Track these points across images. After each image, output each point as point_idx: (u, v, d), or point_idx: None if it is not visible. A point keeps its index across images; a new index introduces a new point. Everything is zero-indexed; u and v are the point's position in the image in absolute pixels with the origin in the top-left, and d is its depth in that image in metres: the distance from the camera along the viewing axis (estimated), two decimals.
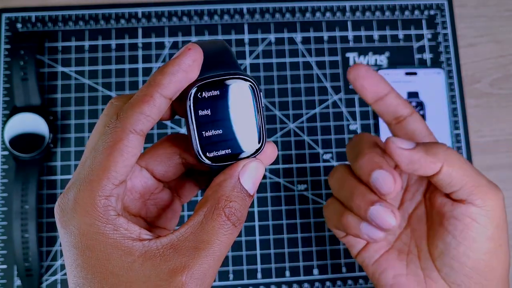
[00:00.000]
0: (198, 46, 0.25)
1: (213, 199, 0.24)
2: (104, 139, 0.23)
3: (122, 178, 0.23)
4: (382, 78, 0.35)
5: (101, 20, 0.54)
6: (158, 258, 0.22)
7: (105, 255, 0.22)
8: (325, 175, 0.52)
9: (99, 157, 0.23)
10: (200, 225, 0.23)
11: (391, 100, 0.34)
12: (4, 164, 0.51)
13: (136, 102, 0.24)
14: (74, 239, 0.23)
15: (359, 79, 0.34)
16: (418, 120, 0.35)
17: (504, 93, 0.55)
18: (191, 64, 0.24)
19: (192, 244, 0.23)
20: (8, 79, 0.52)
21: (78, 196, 0.23)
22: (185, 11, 0.55)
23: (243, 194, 0.24)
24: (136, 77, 0.53)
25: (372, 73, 0.34)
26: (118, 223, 0.23)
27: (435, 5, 0.56)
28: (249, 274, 0.50)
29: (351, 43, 0.55)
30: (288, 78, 0.54)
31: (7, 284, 0.48)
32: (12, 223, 0.48)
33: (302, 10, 0.56)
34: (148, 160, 0.29)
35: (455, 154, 0.31)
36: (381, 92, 0.34)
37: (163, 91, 0.24)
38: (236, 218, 0.24)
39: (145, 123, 0.24)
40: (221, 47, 0.27)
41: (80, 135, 0.52)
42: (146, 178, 0.29)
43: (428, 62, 0.55)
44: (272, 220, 0.51)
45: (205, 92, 0.25)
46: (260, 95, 0.26)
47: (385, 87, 0.34)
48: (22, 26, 0.54)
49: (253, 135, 0.26)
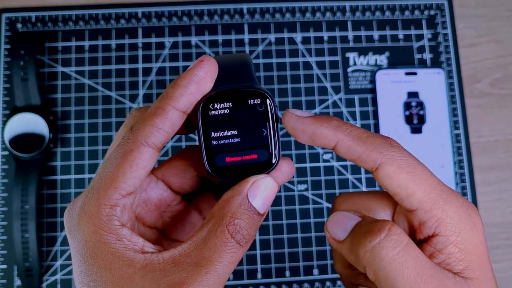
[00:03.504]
0: (211, 58, 0.25)
1: (218, 216, 0.23)
2: (117, 150, 0.24)
3: (130, 189, 0.23)
4: (320, 125, 0.24)
5: (101, 20, 0.54)
6: (158, 272, 0.22)
7: (107, 264, 0.22)
8: (325, 175, 0.52)
9: (110, 167, 0.23)
10: (203, 241, 0.23)
11: (342, 152, 0.25)
12: (4, 164, 0.51)
13: (148, 115, 0.24)
14: (78, 246, 0.23)
15: (296, 132, 0.25)
16: (390, 175, 0.24)
17: (504, 93, 0.55)
18: (204, 76, 0.24)
19: (193, 260, 0.22)
20: (8, 79, 0.52)
21: (85, 203, 0.23)
22: (185, 11, 0.55)
23: (250, 212, 0.23)
24: (136, 77, 0.53)
25: (304, 123, 0.25)
26: (122, 234, 0.23)
27: (435, 5, 0.56)
28: (249, 274, 0.50)
29: (351, 43, 0.55)
30: (288, 78, 0.54)
31: (7, 284, 0.48)
32: (12, 223, 0.48)
33: (302, 10, 0.56)
34: (164, 171, 0.28)
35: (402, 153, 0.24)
36: (326, 145, 0.25)
37: (175, 104, 0.24)
38: (241, 236, 0.23)
39: (157, 136, 0.23)
40: (240, 60, 0.26)
41: (80, 135, 0.52)
42: (162, 190, 0.28)
43: (428, 62, 0.55)
44: (272, 220, 0.51)
45: (217, 104, 0.24)
46: (275, 110, 0.25)
47: (329, 137, 0.24)
48: (22, 26, 0.54)
49: (266, 151, 0.25)
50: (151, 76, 0.53)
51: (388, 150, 0.24)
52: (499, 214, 0.52)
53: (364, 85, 0.54)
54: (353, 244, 0.23)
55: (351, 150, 0.24)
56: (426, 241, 0.24)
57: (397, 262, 0.22)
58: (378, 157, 0.23)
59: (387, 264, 0.22)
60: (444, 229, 0.23)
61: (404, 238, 0.22)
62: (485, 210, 0.52)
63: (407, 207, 0.24)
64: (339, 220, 0.25)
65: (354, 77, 0.54)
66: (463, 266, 0.23)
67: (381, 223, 0.23)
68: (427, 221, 0.23)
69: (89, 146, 0.51)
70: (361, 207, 0.26)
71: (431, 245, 0.23)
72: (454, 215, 0.23)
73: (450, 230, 0.23)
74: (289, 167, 0.26)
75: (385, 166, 0.23)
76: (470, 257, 0.23)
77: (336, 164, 0.52)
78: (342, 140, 0.24)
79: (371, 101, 0.54)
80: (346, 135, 0.24)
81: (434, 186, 0.24)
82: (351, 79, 0.54)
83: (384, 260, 0.22)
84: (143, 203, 0.28)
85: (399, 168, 0.23)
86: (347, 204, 0.27)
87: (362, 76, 0.54)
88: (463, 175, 0.53)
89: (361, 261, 0.23)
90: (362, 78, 0.54)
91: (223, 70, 0.25)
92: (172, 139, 0.52)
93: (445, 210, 0.23)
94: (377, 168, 0.24)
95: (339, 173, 0.52)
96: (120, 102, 0.53)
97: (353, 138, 0.24)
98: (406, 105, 0.53)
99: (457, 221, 0.23)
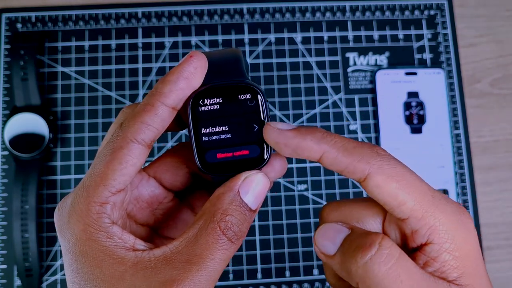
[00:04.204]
0: (201, 53, 0.24)
1: (209, 212, 0.23)
2: (106, 147, 0.23)
3: (120, 187, 0.23)
4: (303, 138, 0.24)
5: (101, 20, 0.54)
6: (149, 270, 0.22)
7: (97, 262, 0.22)
8: (325, 175, 0.52)
9: (99, 164, 0.23)
10: (194, 238, 0.22)
11: (328, 164, 0.24)
12: (4, 164, 0.51)
13: (138, 112, 0.24)
14: (68, 244, 0.23)
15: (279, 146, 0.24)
16: (380, 185, 0.23)
17: (504, 93, 0.55)
18: (193, 72, 0.24)
19: (184, 257, 0.22)
20: (8, 79, 0.52)
21: (74, 202, 0.23)
22: (185, 11, 0.55)
23: (242, 209, 0.23)
24: (136, 77, 0.53)
25: (286, 137, 0.24)
26: (112, 231, 0.23)
27: (435, 5, 0.56)
28: (249, 274, 0.50)
29: (351, 43, 0.55)
30: (288, 78, 0.54)
31: (7, 284, 0.48)
32: (12, 223, 0.48)
33: (302, 10, 0.56)
34: (156, 169, 0.28)
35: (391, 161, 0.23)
36: (312, 158, 0.24)
37: (164, 100, 0.23)
38: (233, 233, 0.22)
39: (146, 133, 0.23)
40: (232, 55, 0.26)
41: (80, 135, 0.52)
42: (153, 187, 0.28)
43: (428, 62, 0.55)
44: (272, 220, 0.51)
45: (207, 99, 0.24)
46: (266, 105, 0.24)
47: (313, 150, 0.24)
48: (22, 26, 0.54)
49: (258, 146, 0.24)
50: (151, 76, 0.53)
51: (376, 160, 0.23)
52: (499, 214, 0.52)
53: (364, 85, 0.54)
54: (344, 260, 0.23)
55: (337, 161, 0.23)
56: (419, 250, 0.23)
57: (390, 277, 0.21)
58: (365, 167, 0.23)
59: (380, 280, 0.21)
60: (437, 237, 0.23)
61: (395, 251, 0.22)
62: (485, 210, 0.52)
63: (398, 216, 0.23)
64: (328, 233, 0.24)
65: (354, 77, 0.54)
66: (458, 274, 0.22)
67: (371, 237, 0.22)
68: (419, 230, 0.23)
69: (89, 146, 0.51)
70: (350, 217, 0.25)
71: (425, 254, 0.23)
72: (446, 221, 0.23)
73: (443, 238, 0.23)
74: (281, 163, 0.26)
75: (374, 176, 0.23)
76: (465, 263, 0.23)
77: None
78: (327, 152, 0.23)
79: (371, 101, 0.54)
80: (331, 146, 0.23)
81: (425, 193, 0.23)
82: (351, 79, 0.54)
83: (377, 276, 0.21)
84: (135, 201, 0.27)
85: (388, 178, 0.23)
86: (335, 214, 0.26)
87: (362, 76, 0.54)
88: (463, 175, 0.53)
89: (353, 277, 0.22)
90: (362, 78, 0.54)
91: (213, 66, 0.25)
92: (172, 139, 0.52)
93: (437, 218, 0.23)
94: (365, 179, 0.23)
95: (339, 173, 0.52)
96: (120, 102, 0.53)
97: (338, 149, 0.23)
98: (406, 105, 0.53)
99: (450, 227, 0.23)
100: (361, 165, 0.23)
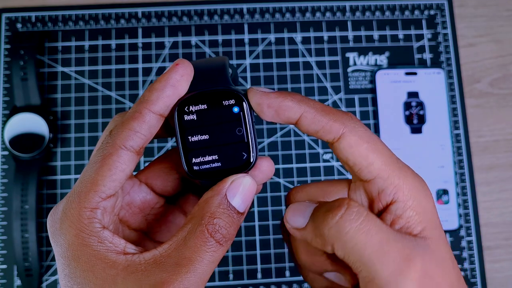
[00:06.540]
0: (187, 61, 0.25)
1: (197, 216, 0.24)
2: (97, 154, 0.24)
3: (110, 192, 0.24)
4: (284, 99, 0.25)
5: (101, 20, 0.54)
6: (140, 273, 0.22)
7: (89, 267, 0.23)
8: (325, 175, 0.52)
9: (90, 171, 0.24)
10: (183, 241, 0.23)
11: (306, 124, 0.25)
12: (4, 164, 0.51)
13: (126, 119, 0.24)
14: (61, 249, 0.23)
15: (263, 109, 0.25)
16: (352, 145, 0.25)
17: (504, 93, 0.55)
18: (179, 79, 0.25)
19: (174, 260, 0.22)
20: (8, 79, 0.52)
21: (66, 207, 0.24)
22: (185, 11, 0.55)
23: (230, 211, 0.24)
24: (136, 77, 0.53)
25: (270, 98, 0.25)
26: (103, 236, 0.23)
27: (435, 5, 0.56)
28: (249, 274, 0.50)
29: (351, 43, 0.55)
30: (288, 78, 0.54)
31: (7, 284, 0.48)
32: (12, 223, 0.48)
33: (302, 10, 0.56)
34: (147, 175, 0.29)
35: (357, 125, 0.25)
36: (291, 118, 0.25)
37: (152, 107, 0.24)
38: (221, 236, 0.23)
39: (135, 139, 0.24)
40: (216, 63, 0.27)
41: (80, 135, 0.52)
42: (145, 193, 0.29)
43: (428, 62, 0.55)
44: (272, 220, 0.51)
45: (192, 106, 0.25)
46: (249, 110, 0.25)
47: (294, 110, 0.25)
48: (22, 26, 0.54)
49: (244, 150, 0.25)
50: (151, 76, 0.53)
51: (350, 122, 0.25)
52: (499, 214, 0.52)
53: (364, 85, 0.54)
54: (316, 226, 0.24)
55: (315, 121, 0.25)
56: (385, 210, 0.25)
57: (362, 232, 0.23)
58: (340, 127, 0.24)
59: (353, 235, 0.23)
60: (401, 194, 0.24)
61: (363, 210, 0.23)
62: (485, 210, 0.52)
63: (365, 177, 0.25)
64: (297, 208, 0.26)
65: (354, 77, 0.54)
66: (421, 228, 0.24)
67: (339, 201, 0.24)
68: (385, 189, 0.25)
69: (89, 146, 0.51)
70: (316, 195, 0.27)
71: (390, 213, 0.25)
72: (409, 181, 0.25)
73: (407, 195, 0.24)
74: (268, 165, 0.27)
75: (347, 136, 0.24)
76: (426, 218, 0.24)
77: (336, 164, 0.52)
78: (307, 112, 0.25)
79: (371, 101, 0.54)
80: (310, 107, 0.25)
81: (391, 157, 0.25)
82: (351, 79, 0.54)
83: (349, 232, 0.23)
84: (127, 206, 0.28)
85: (360, 139, 0.24)
86: (302, 195, 0.28)
87: (362, 76, 0.54)
88: (463, 175, 0.53)
89: (327, 239, 0.23)
90: (362, 78, 0.54)
91: (199, 73, 0.26)
92: (172, 139, 0.52)
93: (401, 177, 0.25)
94: (339, 138, 0.25)
95: (339, 173, 0.52)
96: (120, 102, 0.53)
97: (316, 109, 0.25)
98: (406, 105, 0.53)
99: (412, 186, 0.25)
100: (337, 125, 0.25)
